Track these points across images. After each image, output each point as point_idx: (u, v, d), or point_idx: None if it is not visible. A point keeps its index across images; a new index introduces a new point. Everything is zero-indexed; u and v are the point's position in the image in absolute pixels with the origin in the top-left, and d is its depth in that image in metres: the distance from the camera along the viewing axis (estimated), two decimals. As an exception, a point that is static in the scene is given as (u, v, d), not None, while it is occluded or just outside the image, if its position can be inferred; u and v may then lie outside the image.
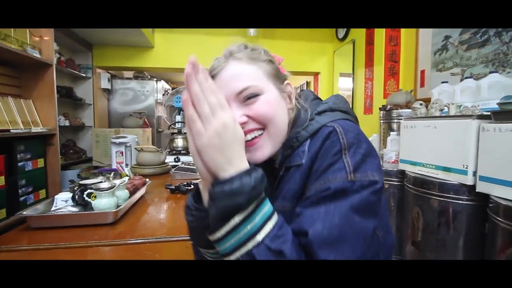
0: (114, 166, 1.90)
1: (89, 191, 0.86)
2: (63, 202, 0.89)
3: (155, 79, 3.35)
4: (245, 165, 0.38)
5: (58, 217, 0.83)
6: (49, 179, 1.74)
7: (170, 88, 3.81)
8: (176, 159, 2.11)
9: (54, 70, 1.77)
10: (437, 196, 1.27)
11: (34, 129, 1.61)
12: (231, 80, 0.47)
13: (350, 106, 0.57)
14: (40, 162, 1.67)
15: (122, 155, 1.99)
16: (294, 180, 0.46)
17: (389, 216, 0.55)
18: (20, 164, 1.51)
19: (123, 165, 1.77)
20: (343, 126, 0.46)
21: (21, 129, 1.52)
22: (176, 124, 2.57)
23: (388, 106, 1.88)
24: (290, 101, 0.53)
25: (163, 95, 3.44)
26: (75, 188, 0.92)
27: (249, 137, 0.48)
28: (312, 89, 3.93)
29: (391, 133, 1.80)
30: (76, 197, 0.88)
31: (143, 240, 0.77)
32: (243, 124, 0.47)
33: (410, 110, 1.72)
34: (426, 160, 1.38)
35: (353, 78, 2.91)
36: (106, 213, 0.84)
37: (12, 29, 1.50)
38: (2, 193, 1.36)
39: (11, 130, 1.45)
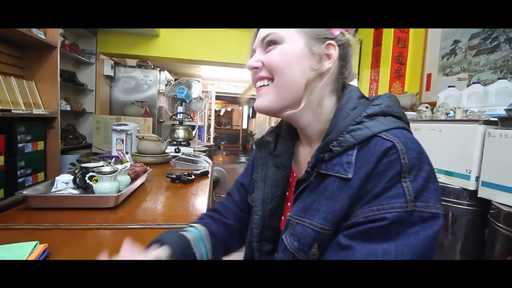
0: (114, 153, 1.89)
1: (90, 174, 0.85)
2: (63, 184, 0.88)
3: (158, 69, 3.33)
4: None
5: (58, 198, 0.82)
6: (48, 162, 1.72)
7: (173, 79, 3.78)
8: (177, 150, 2.10)
9: (58, 52, 1.74)
10: (443, 201, 1.27)
11: (36, 111, 1.59)
12: (263, 29, 0.48)
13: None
14: (40, 145, 1.66)
15: (123, 142, 1.97)
16: (338, 199, 0.40)
17: None
18: (20, 145, 1.49)
19: (124, 151, 1.76)
20: (403, 141, 0.38)
21: (22, 110, 1.51)
22: (178, 115, 2.55)
23: (393, 108, 1.88)
24: (318, 62, 0.45)
25: (166, 85, 3.41)
26: (76, 171, 0.91)
27: (259, 84, 0.48)
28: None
29: (394, 135, 1.79)
30: (77, 179, 0.87)
31: (143, 226, 0.76)
32: (255, 69, 0.47)
33: (415, 112, 1.71)
34: (428, 163, 1.38)
35: (358, 78, 2.90)
36: (107, 197, 0.83)
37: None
38: (1, 173, 1.35)
39: (12, 110, 1.43)
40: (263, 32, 0.47)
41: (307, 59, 0.45)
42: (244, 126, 10.73)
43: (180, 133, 2.34)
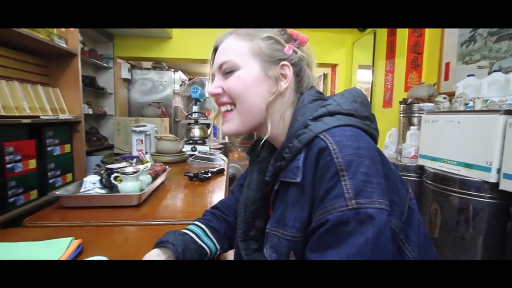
0: (134, 153, 1.97)
1: (115, 174, 0.91)
2: (91, 184, 0.94)
3: (172, 69, 3.41)
4: None
5: (87, 197, 0.89)
6: (75, 163, 1.83)
7: (187, 79, 3.85)
8: (193, 148, 2.16)
9: (79, 59, 1.84)
10: (457, 193, 1.24)
11: (62, 116, 1.69)
12: (219, 54, 0.50)
13: (368, 99, 0.49)
14: (67, 148, 1.76)
15: (142, 143, 2.06)
16: (300, 206, 0.41)
17: (423, 225, 0.48)
18: (49, 149, 1.60)
19: (144, 152, 1.84)
20: (338, 139, 0.39)
21: (50, 115, 1.61)
22: (193, 114, 2.61)
23: (409, 100, 1.83)
24: (275, 84, 0.47)
25: (180, 85, 3.49)
26: (102, 172, 0.98)
27: (222, 109, 0.50)
28: (329, 81, 3.86)
29: (411, 127, 1.75)
30: (104, 180, 0.93)
31: (165, 222, 0.81)
32: (217, 96, 0.50)
33: (432, 104, 1.67)
34: (447, 155, 1.34)
35: (372, 70, 2.84)
36: (131, 195, 0.89)
37: (41, 19, 1.57)
38: (34, 175, 1.46)
39: (41, 117, 1.53)
40: (219, 59, 0.49)
41: (264, 83, 0.47)
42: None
43: (196, 132, 2.40)
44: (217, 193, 1.13)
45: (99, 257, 0.53)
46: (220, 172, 1.47)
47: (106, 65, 2.88)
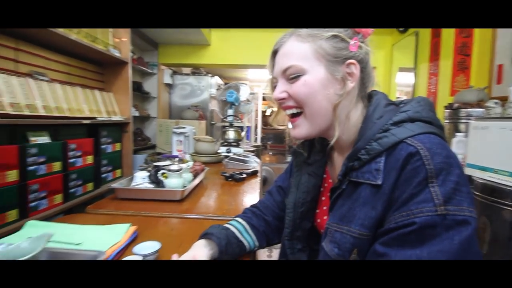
0: (174, 153, 2.12)
1: (162, 171, 1.00)
2: (141, 179, 1.05)
3: (210, 74, 3.57)
4: None
5: (138, 191, 1.00)
6: (123, 161, 2.02)
7: (223, 83, 4.01)
8: (228, 150, 2.25)
9: (130, 67, 2.03)
10: (510, 206, 1.14)
11: (114, 118, 1.89)
12: (281, 58, 0.49)
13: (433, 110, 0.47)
14: (117, 146, 1.96)
15: (181, 143, 2.20)
16: (372, 206, 0.42)
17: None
18: (103, 146, 1.79)
19: (183, 152, 1.97)
20: (428, 146, 0.38)
21: (104, 117, 1.80)
22: (228, 117, 2.72)
23: (456, 105, 1.72)
24: (344, 85, 0.47)
25: (217, 89, 3.64)
26: (150, 169, 1.08)
27: (288, 112, 0.51)
28: (365, 85, 3.73)
29: (457, 134, 1.64)
30: (152, 176, 1.03)
31: (205, 217, 0.88)
32: (282, 100, 0.50)
33: (482, 109, 1.55)
34: (498, 165, 1.24)
35: (414, 73, 2.70)
36: (175, 191, 0.97)
37: (99, 32, 1.77)
38: (91, 170, 1.64)
39: (97, 118, 1.72)
40: (283, 64, 0.49)
41: (330, 85, 0.47)
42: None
43: (231, 134, 2.50)
44: (252, 194, 1.18)
45: (154, 242, 0.60)
46: (254, 173, 1.52)
47: (151, 71, 3.13)
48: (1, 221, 1.10)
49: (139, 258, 0.53)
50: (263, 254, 2.19)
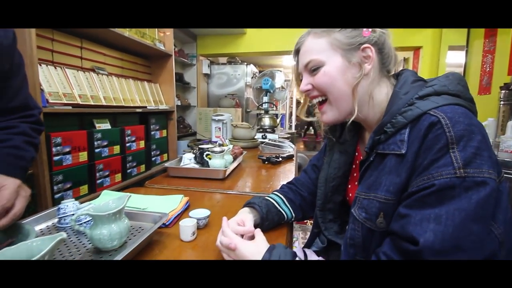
0: (213, 139, 2.26)
1: (206, 152, 1.12)
2: (188, 160, 1.18)
3: (245, 63, 3.64)
4: (261, 250, 0.49)
5: (187, 169, 1.12)
6: (169, 146, 2.22)
7: (258, 71, 4.06)
8: (264, 136, 2.33)
9: (173, 59, 2.19)
10: None
11: (161, 107, 2.07)
12: (302, 55, 0.56)
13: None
14: (164, 133, 2.15)
15: (220, 130, 2.33)
16: (397, 173, 0.44)
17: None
18: (152, 133, 1.99)
19: (221, 138, 2.09)
20: (450, 115, 0.41)
21: (153, 106, 1.99)
22: (263, 104, 2.78)
23: (513, 85, 1.57)
24: (359, 68, 0.51)
25: (252, 78, 3.71)
26: (195, 151, 1.21)
27: (315, 101, 0.57)
28: (410, 67, 3.49)
29: (513, 117, 1.50)
30: (197, 157, 1.15)
31: (246, 193, 0.97)
32: (308, 91, 0.56)
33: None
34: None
35: (466, 51, 2.46)
36: (218, 170, 1.08)
37: (146, 28, 1.93)
38: (143, 153, 1.85)
39: (147, 107, 1.91)
40: (304, 59, 0.55)
41: (348, 70, 0.51)
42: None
43: (266, 121, 2.56)
44: (288, 174, 1.24)
45: (203, 209, 0.70)
46: (290, 157, 1.58)
47: (190, 62, 3.30)
48: (76, 194, 1.32)
49: (194, 221, 0.63)
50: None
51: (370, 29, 0.50)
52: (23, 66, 0.67)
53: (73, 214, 0.61)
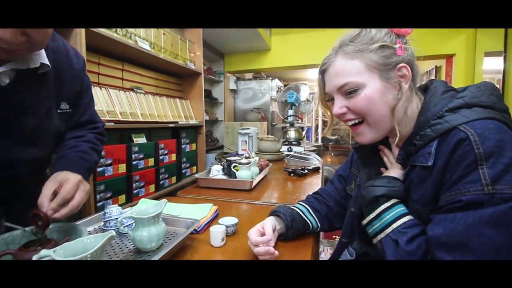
0: (240, 152, 2.32)
1: (234, 164, 1.16)
2: (216, 172, 1.24)
3: (270, 78, 3.74)
4: None
5: (216, 180, 1.18)
6: (198, 159, 2.32)
7: (283, 85, 4.13)
8: (289, 149, 2.34)
9: (202, 77, 2.32)
10: None
11: (191, 122, 2.19)
12: (334, 76, 0.53)
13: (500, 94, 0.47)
14: (193, 146, 2.26)
15: (246, 143, 2.40)
16: (425, 187, 0.46)
17: None
18: (183, 146, 2.10)
19: (248, 151, 2.15)
20: (480, 131, 0.40)
21: (184, 121, 2.12)
22: (289, 117, 2.81)
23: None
24: (400, 88, 0.50)
25: (277, 92, 3.78)
26: (223, 163, 1.26)
27: (349, 123, 0.55)
28: (443, 75, 3.33)
29: None
30: (225, 168, 1.20)
31: (272, 203, 0.99)
32: (342, 114, 0.54)
33: None
34: None
35: (504, 57, 2.32)
36: (245, 181, 1.12)
37: (179, 49, 2.09)
38: (174, 166, 1.96)
39: (179, 122, 2.04)
40: (338, 81, 0.52)
41: (388, 92, 0.50)
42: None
43: (292, 133, 2.58)
44: (314, 186, 1.25)
45: (231, 217, 0.74)
46: (316, 170, 1.58)
47: (218, 79, 3.46)
48: (115, 202, 1.43)
49: (223, 227, 0.67)
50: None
51: (402, 46, 0.50)
52: (90, 87, 0.78)
53: (117, 218, 0.68)
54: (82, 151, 0.67)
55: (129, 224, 0.66)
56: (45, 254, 0.41)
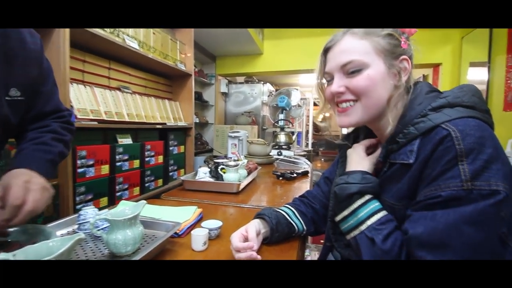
0: (229, 155, 2.29)
1: (221, 166, 1.13)
2: (203, 174, 1.20)
3: (262, 82, 3.74)
4: None
5: (202, 183, 1.14)
6: (186, 161, 2.28)
7: (274, 90, 4.14)
8: (279, 153, 2.33)
9: (193, 79, 2.29)
10: None
11: (180, 123, 2.15)
12: (339, 54, 0.52)
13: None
14: (181, 148, 2.21)
15: (236, 146, 2.37)
16: (402, 182, 0.46)
17: None
18: (170, 148, 2.05)
19: (237, 154, 2.12)
20: (461, 128, 0.41)
21: (172, 123, 2.07)
22: (279, 121, 2.81)
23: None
24: (399, 78, 0.51)
25: (268, 96, 3.78)
26: (210, 165, 1.23)
27: (343, 105, 0.54)
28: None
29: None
30: (212, 171, 1.17)
31: (258, 206, 0.96)
32: (340, 94, 0.53)
33: None
34: None
35: (489, 67, 2.39)
36: (232, 184, 1.09)
37: (169, 50, 2.06)
38: (161, 168, 1.90)
39: (167, 124, 1.99)
40: (342, 59, 0.52)
41: (389, 78, 0.51)
42: (344, 131, 10.23)
43: (282, 137, 2.57)
44: (303, 190, 1.22)
45: (216, 220, 0.71)
46: (305, 174, 1.56)
47: (209, 82, 3.44)
48: (97, 205, 1.37)
49: (206, 230, 0.64)
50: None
51: (407, 42, 0.52)
52: (51, 72, 0.69)
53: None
54: (43, 142, 0.61)
55: (105, 227, 0.62)
56: (3, 257, 0.37)
